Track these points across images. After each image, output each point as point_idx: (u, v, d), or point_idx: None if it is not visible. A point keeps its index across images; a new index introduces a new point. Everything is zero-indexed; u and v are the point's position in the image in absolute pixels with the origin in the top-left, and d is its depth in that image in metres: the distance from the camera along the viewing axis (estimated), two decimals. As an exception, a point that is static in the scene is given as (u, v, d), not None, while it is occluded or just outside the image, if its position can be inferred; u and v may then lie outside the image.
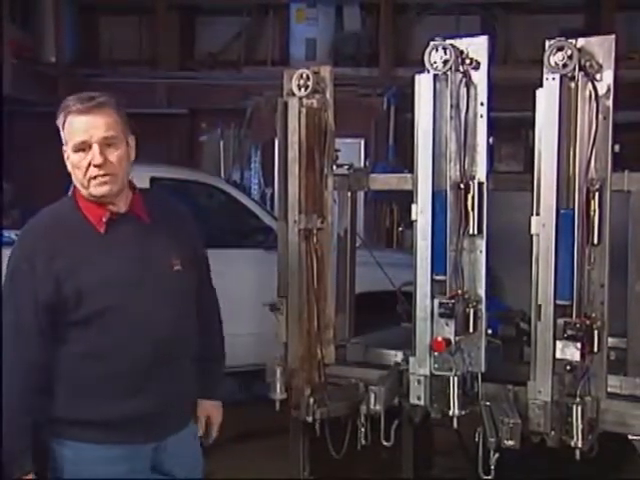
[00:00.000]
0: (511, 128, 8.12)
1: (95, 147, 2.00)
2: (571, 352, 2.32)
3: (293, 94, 2.87)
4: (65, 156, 2.07)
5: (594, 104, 2.35)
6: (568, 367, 2.37)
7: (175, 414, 2.17)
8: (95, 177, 2.01)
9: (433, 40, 2.54)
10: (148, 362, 2.07)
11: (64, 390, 2.04)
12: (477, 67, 2.52)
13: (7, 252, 2.07)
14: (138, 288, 2.07)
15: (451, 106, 2.52)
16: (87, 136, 2.00)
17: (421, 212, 2.57)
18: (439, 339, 2.48)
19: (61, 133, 2.05)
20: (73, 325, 2.02)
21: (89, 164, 2.00)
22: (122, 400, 2.05)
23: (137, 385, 2.06)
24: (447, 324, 2.48)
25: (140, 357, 2.06)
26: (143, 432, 2.09)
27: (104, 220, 2.06)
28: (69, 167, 2.07)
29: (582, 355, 2.32)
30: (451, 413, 2.50)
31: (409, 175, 2.75)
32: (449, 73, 2.51)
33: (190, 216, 2.32)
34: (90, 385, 2.04)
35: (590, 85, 2.35)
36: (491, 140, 2.54)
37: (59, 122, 2.05)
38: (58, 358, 2.03)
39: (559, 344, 2.34)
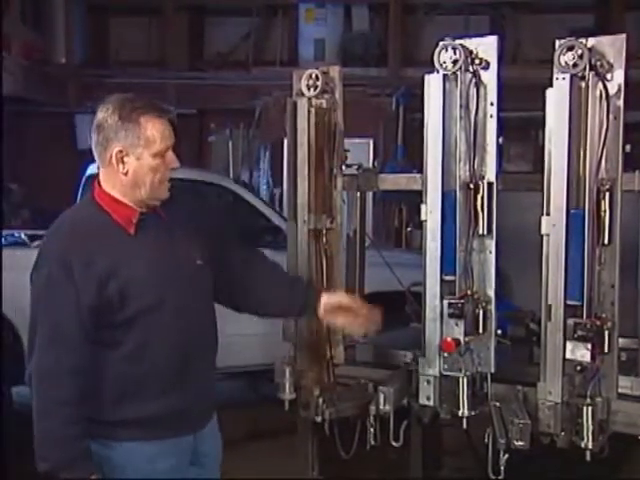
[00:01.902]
0: (519, 128, 8.12)
1: (171, 152, 2.10)
2: (581, 353, 2.31)
3: (302, 94, 2.87)
4: (131, 157, 2.05)
5: (605, 104, 2.34)
6: (578, 368, 2.36)
7: (210, 402, 2.25)
8: (167, 180, 2.11)
9: (442, 40, 2.54)
10: (188, 355, 2.12)
11: (110, 392, 2.05)
12: (487, 67, 2.51)
13: (16, 252, 2.07)
14: (173, 285, 2.11)
15: (460, 106, 2.51)
16: (170, 141, 2.10)
17: (430, 212, 2.56)
18: (448, 339, 2.47)
19: (122, 133, 2.03)
20: (116, 327, 2.04)
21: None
22: (167, 394, 2.09)
23: (179, 378, 2.11)
24: (456, 324, 2.47)
25: (181, 351, 2.11)
26: (186, 424, 2.14)
27: (134, 221, 2.09)
28: (136, 169, 2.05)
29: (592, 356, 2.30)
30: (460, 414, 2.49)
31: (418, 175, 2.74)
32: (458, 73, 2.50)
33: (194, 206, 2.39)
34: (136, 384, 2.06)
35: (601, 85, 2.34)
36: (500, 140, 2.54)
37: (126, 123, 2.03)
38: (102, 361, 2.03)
39: (569, 345, 2.33)
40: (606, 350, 2.35)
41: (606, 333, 2.35)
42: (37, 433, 1.98)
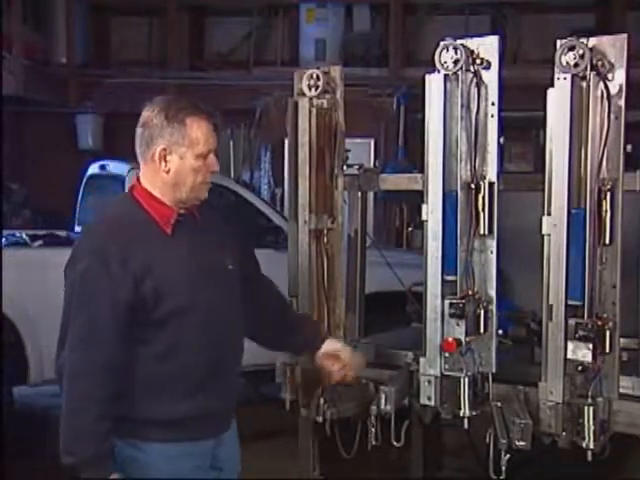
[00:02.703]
0: (520, 128, 8.11)
1: (213, 155, 2.11)
2: (583, 353, 2.31)
3: (303, 94, 2.88)
4: (174, 156, 2.06)
5: (606, 104, 2.34)
6: (579, 368, 2.36)
7: (233, 406, 2.25)
8: (206, 182, 2.12)
9: (443, 40, 2.54)
10: (216, 358, 2.12)
11: (139, 391, 2.04)
12: (488, 67, 2.51)
13: (17, 252, 2.07)
14: (206, 288, 2.11)
15: (461, 106, 2.51)
16: (213, 145, 2.11)
17: (431, 212, 2.56)
18: (450, 339, 2.47)
19: (167, 131, 2.04)
20: (150, 325, 2.03)
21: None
22: (195, 397, 2.08)
23: (207, 381, 2.11)
24: (458, 324, 2.47)
25: (209, 354, 2.11)
26: (211, 426, 2.14)
27: (172, 221, 2.10)
28: (178, 168, 2.06)
29: (594, 356, 2.30)
30: (462, 414, 2.49)
31: (419, 175, 2.74)
32: (459, 73, 2.50)
33: (220, 213, 2.38)
34: (164, 384, 2.06)
35: (602, 85, 2.34)
36: (501, 140, 2.54)
37: (172, 122, 2.04)
38: (133, 359, 2.03)
39: (570, 345, 2.33)
40: (607, 350, 2.35)
41: (607, 333, 2.35)
42: (66, 428, 1.98)
